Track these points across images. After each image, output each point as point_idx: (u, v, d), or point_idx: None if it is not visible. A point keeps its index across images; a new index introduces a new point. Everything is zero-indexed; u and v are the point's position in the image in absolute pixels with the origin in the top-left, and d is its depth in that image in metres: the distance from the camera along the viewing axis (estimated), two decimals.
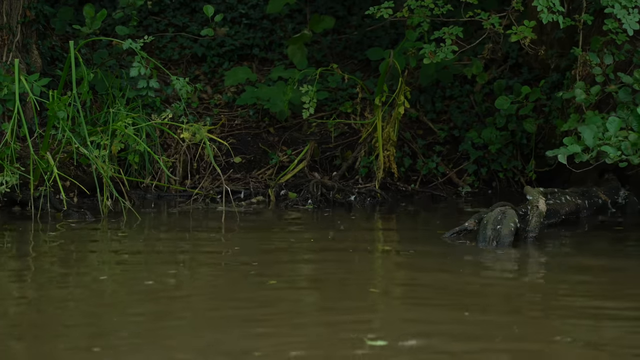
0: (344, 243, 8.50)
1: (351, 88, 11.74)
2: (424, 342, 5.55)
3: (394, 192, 10.85)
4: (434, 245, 8.25)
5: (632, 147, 8.10)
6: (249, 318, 5.98)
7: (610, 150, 8.07)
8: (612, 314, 6.28)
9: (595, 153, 8.14)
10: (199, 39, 12.38)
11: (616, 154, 8.10)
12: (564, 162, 8.23)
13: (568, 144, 8.20)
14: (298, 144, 11.30)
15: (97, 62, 11.22)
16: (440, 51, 9.52)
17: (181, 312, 6.18)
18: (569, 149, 8.18)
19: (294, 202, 10.36)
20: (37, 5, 10.94)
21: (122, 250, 8.12)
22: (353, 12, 13.01)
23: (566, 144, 8.23)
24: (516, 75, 11.72)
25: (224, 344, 5.45)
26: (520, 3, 9.44)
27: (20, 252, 8.07)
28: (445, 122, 11.51)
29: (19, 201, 9.64)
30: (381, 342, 5.40)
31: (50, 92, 9.52)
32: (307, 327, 5.88)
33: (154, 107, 10.93)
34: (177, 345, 5.38)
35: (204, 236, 8.87)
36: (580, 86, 9.14)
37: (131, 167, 10.45)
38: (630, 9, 8.85)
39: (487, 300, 6.60)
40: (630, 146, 8.09)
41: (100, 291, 6.73)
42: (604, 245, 8.49)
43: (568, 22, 9.21)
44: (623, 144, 8.11)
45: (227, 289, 6.82)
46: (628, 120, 8.46)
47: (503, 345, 5.53)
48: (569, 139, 8.28)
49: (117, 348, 5.35)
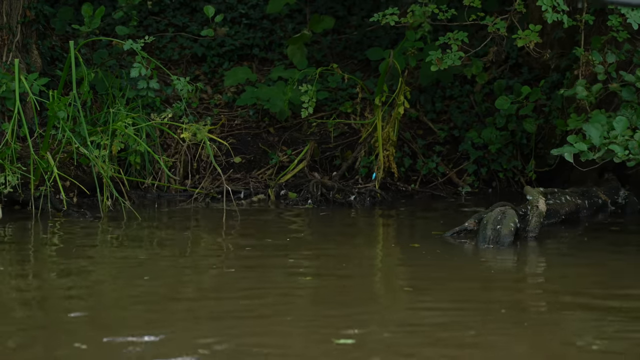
0: (342, 243, 8.50)
1: (351, 88, 11.74)
2: (424, 343, 5.55)
3: (394, 192, 10.85)
4: (433, 245, 8.25)
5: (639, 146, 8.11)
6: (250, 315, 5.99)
7: (618, 149, 8.07)
8: (612, 313, 6.28)
9: (602, 152, 8.13)
10: (199, 39, 12.38)
11: (624, 152, 8.10)
12: (571, 160, 8.22)
13: (573, 142, 8.19)
14: (298, 144, 11.30)
15: (97, 62, 11.22)
16: (447, 57, 9.50)
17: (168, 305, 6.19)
18: (575, 147, 8.16)
19: (294, 202, 10.36)
20: (37, 5, 10.94)
21: (122, 250, 8.12)
22: (353, 12, 13.00)
23: (571, 142, 8.21)
24: (516, 75, 11.72)
25: (223, 340, 5.45)
26: (522, 5, 9.43)
27: (19, 251, 8.07)
28: (445, 122, 11.50)
29: (20, 201, 9.64)
30: (349, 341, 5.42)
31: (50, 92, 9.52)
32: (304, 321, 5.89)
33: (154, 107, 10.93)
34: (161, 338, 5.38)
35: (203, 235, 8.87)
36: (582, 84, 9.14)
37: (131, 167, 10.45)
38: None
39: (487, 300, 6.60)
40: (637, 145, 8.09)
41: (100, 291, 6.73)
42: (604, 245, 8.49)
43: (570, 23, 9.21)
44: (630, 143, 8.11)
45: (222, 285, 6.83)
46: (632, 119, 8.47)
47: (503, 345, 5.53)
48: (573, 137, 8.27)
49: (118, 345, 5.36)
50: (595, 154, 8.18)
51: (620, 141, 8.13)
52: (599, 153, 8.15)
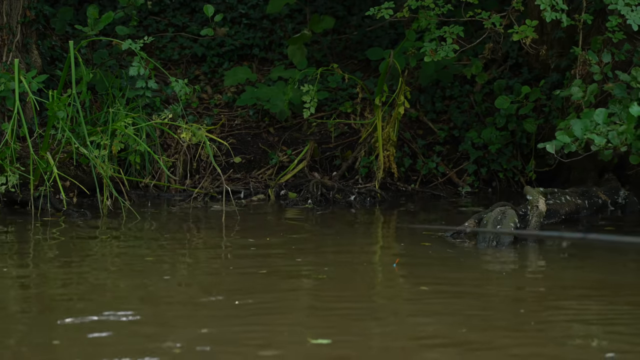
0: (342, 243, 8.50)
1: (351, 88, 11.75)
2: (423, 343, 5.55)
3: (394, 192, 10.85)
4: (433, 245, 8.25)
5: (619, 136, 8.16)
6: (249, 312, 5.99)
7: (597, 138, 8.15)
8: (612, 313, 6.28)
9: (583, 142, 8.22)
10: (198, 39, 12.39)
11: (602, 141, 8.16)
12: (552, 151, 8.32)
13: (558, 136, 8.31)
14: (298, 144, 11.30)
15: (97, 62, 11.22)
16: (441, 49, 9.52)
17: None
18: (557, 140, 8.27)
19: (294, 202, 10.36)
20: (37, 5, 10.94)
21: (122, 249, 8.12)
22: (353, 12, 13.01)
23: (557, 137, 8.35)
24: (516, 75, 11.72)
25: (218, 335, 5.45)
26: (521, 3, 9.44)
27: (19, 251, 8.07)
28: (445, 122, 11.51)
29: (19, 201, 9.64)
30: (325, 341, 5.41)
31: (50, 92, 9.52)
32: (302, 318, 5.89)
33: (153, 107, 10.94)
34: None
35: (202, 235, 8.87)
36: (578, 84, 9.15)
37: (131, 167, 10.45)
38: (634, 5, 8.88)
39: (486, 299, 6.60)
40: (617, 135, 8.15)
41: (100, 290, 6.73)
42: (604, 245, 8.48)
43: (569, 22, 9.21)
44: (611, 133, 8.19)
45: (218, 282, 6.83)
46: (621, 114, 8.50)
47: (502, 345, 5.53)
48: (560, 132, 8.38)
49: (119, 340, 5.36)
50: (577, 145, 8.27)
51: (600, 131, 8.21)
52: (581, 143, 8.25)
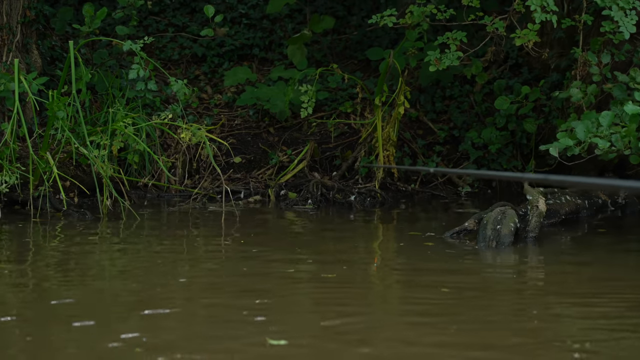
0: (341, 243, 8.50)
1: (351, 88, 11.74)
2: (422, 343, 5.55)
3: (394, 192, 10.84)
4: (433, 245, 8.24)
5: (623, 139, 8.15)
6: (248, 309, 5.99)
7: (600, 141, 8.13)
8: (612, 313, 6.28)
9: (586, 145, 8.19)
10: (198, 39, 12.38)
11: (605, 145, 8.15)
12: (556, 154, 8.29)
13: (561, 139, 8.29)
14: (298, 144, 11.30)
15: (97, 62, 11.22)
16: (445, 58, 9.50)
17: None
18: (560, 143, 8.25)
19: (294, 202, 10.36)
20: (37, 5, 10.94)
21: (121, 249, 8.12)
22: (353, 12, 13.01)
23: (559, 139, 8.32)
24: (516, 75, 11.72)
25: (219, 337, 5.45)
26: (522, 4, 9.43)
27: (19, 251, 8.07)
28: (445, 122, 11.51)
29: (19, 201, 9.64)
30: (283, 342, 5.41)
31: (50, 92, 9.52)
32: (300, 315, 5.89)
33: (153, 107, 10.93)
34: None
35: (201, 235, 8.87)
36: (577, 85, 9.16)
37: (131, 167, 10.45)
38: (628, 10, 8.86)
39: (486, 299, 6.60)
40: (620, 138, 8.14)
41: (100, 290, 6.73)
42: (604, 246, 8.48)
43: (568, 22, 9.21)
44: (614, 136, 8.18)
45: (217, 281, 6.83)
46: (622, 116, 8.50)
47: (502, 344, 5.53)
48: (562, 134, 8.35)
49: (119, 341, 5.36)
50: (580, 148, 8.25)
51: (604, 135, 8.19)
52: (584, 146, 8.23)
